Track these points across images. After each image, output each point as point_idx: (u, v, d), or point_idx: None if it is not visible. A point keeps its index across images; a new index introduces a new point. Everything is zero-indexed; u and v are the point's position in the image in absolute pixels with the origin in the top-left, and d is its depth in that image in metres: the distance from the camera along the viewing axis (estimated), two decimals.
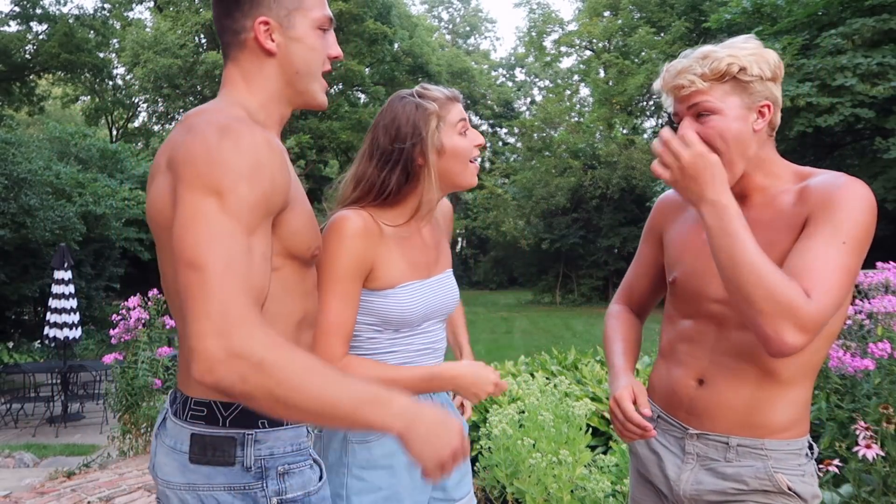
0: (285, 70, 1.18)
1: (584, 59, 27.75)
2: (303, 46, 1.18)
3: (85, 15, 18.30)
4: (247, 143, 1.02)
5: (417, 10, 38.89)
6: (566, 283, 23.49)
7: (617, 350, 1.54)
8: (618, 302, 1.67)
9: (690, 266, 1.42)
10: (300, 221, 1.15)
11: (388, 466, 1.46)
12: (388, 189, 1.48)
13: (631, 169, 20.65)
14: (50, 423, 6.83)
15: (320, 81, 1.23)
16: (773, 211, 1.32)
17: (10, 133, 11.95)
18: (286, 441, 1.16)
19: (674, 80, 1.31)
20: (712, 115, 1.29)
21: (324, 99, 1.25)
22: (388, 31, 22.95)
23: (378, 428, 1.00)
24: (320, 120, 23.45)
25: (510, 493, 2.84)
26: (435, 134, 1.47)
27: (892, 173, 11.57)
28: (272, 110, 1.21)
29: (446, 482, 1.58)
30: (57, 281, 7.12)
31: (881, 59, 11.16)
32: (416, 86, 1.55)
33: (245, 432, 1.12)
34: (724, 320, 1.36)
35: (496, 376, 1.49)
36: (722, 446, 1.36)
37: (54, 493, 3.99)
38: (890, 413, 2.21)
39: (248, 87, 1.18)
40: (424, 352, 1.54)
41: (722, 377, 1.36)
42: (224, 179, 0.99)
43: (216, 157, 0.99)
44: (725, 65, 1.27)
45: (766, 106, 1.30)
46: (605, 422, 3.53)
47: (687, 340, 1.43)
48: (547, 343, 9.70)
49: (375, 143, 1.51)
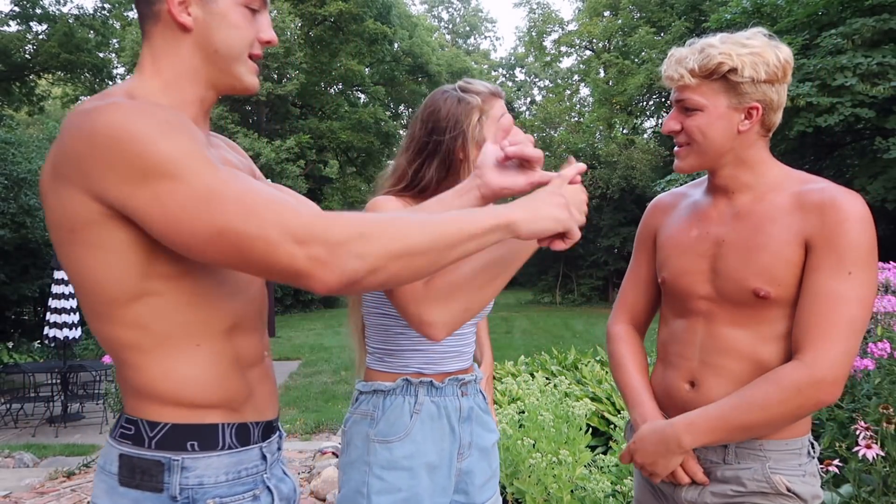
0: (202, 48, 1.03)
1: (584, 59, 27.73)
2: (224, 23, 1.03)
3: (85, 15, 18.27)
4: (130, 107, 0.89)
5: (417, 10, 38.90)
6: (566, 283, 23.48)
7: (636, 384, 1.50)
8: (621, 321, 1.61)
9: (678, 264, 1.43)
10: None
11: (409, 468, 1.44)
12: (425, 181, 1.45)
13: (631, 169, 20.64)
14: (50, 423, 6.83)
15: (247, 63, 1.07)
16: (763, 206, 1.34)
17: (10, 133, 11.94)
18: (220, 469, 1.02)
19: (668, 71, 1.36)
20: (697, 110, 1.33)
21: (252, 81, 1.09)
22: (388, 31, 22.93)
23: (505, 225, 1.01)
24: (320, 120, 23.43)
25: (510, 493, 2.84)
26: (476, 128, 1.45)
27: (892, 173, 11.55)
28: (183, 89, 1.04)
29: (468, 485, 1.55)
30: (57, 281, 7.12)
31: (881, 59, 11.15)
32: (460, 80, 1.53)
33: (171, 456, 0.99)
34: (712, 317, 1.38)
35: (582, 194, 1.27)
36: (720, 448, 1.35)
37: (54, 493, 3.99)
38: (890, 413, 2.21)
39: (155, 68, 1.03)
40: (450, 354, 1.52)
41: (712, 378, 1.36)
42: (149, 155, 0.86)
43: (116, 139, 0.86)
44: (715, 63, 1.28)
45: (754, 108, 1.30)
46: (605, 422, 3.53)
47: (677, 341, 1.44)
48: (547, 343, 9.70)
49: (412, 134, 1.50)
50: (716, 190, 1.43)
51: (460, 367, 1.55)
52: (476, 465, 1.57)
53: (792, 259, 1.28)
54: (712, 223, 1.41)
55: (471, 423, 1.56)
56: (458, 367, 1.54)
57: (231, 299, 1.05)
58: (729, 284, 1.35)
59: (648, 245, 1.57)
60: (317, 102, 24.01)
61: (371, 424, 1.46)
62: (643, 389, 1.49)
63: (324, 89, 24.27)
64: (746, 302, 1.33)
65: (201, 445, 1.01)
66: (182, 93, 1.04)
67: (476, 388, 1.61)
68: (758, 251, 1.31)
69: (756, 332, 1.33)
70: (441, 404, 1.50)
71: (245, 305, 1.08)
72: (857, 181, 11.83)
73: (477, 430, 1.57)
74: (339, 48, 22.51)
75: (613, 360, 1.57)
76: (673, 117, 1.38)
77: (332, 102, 23.98)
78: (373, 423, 1.46)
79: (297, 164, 20.22)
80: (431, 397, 1.49)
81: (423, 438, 1.46)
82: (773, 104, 1.32)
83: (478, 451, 1.57)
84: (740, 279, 1.33)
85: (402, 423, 1.46)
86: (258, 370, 1.12)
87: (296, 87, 21.14)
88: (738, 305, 1.34)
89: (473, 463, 1.56)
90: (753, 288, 1.31)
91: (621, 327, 1.60)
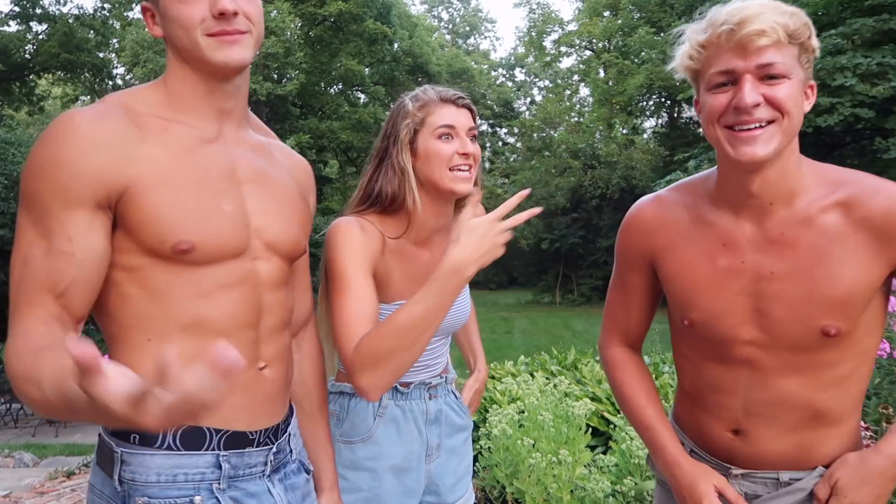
0: (175, 49, 1.08)
1: (583, 59, 27.73)
2: (173, 5, 1.05)
3: (85, 15, 18.28)
4: (52, 132, 0.97)
5: (417, 10, 38.87)
6: (566, 283, 23.49)
7: (653, 423, 1.30)
8: (615, 344, 1.41)
9: (712, 305, 1.19)
10: (146, 213, 0.99)
11: (371, 469, 1.46)
12: (380, 193, 1.43)
13: (631, 169, 20.65)
14: (50, 422, 6.83)
15: (206, 39, 1.05)
16: (816, 227, 1.12)
17: (10, 133, 11.94)
18: (152, 468, 1.00)
19: (751, 25, 1.03)
20: (784, 78, 1.05)
21: (220, 56, 1.05)
22: (387, 31, 22.92)
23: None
24: (320, 120, 23.44)
25: (510, 493, 2.84)
26: (407, 134, 1.42)
27: (892, 173, 11.55)
28: (184, 92, 1.09)
29: (439, 486, 1.56)
30: None
31: (881, 59, 11.16)
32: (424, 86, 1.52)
33: (114, 446, 1.01)
34: (759, 365, 1.17)
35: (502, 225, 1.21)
36: (772, 482, 1.22)
37: (54, 492, 3.99)
38: (890, 413, 2.21)
39: (164, 77, 1.12)
40: (418, 368, 1.51)
41: (763, 427, 1.19)
42: (23, 183, 0.97)
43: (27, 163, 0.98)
44: (802, 23, 1.05)
45: (811, 86, 1.12)
46: (605, 422, 3.53)
47: (714, 390, 1.23)
48: (547, 343, 9.69)
49: (376, 141, 1.51)
50: (738, 200, 1.16)
51: (428, 376, 1.55)
52: (445, 467, 1.57)
53: (871, 284, 1.10)
54: (745, 250, 1.16)
55: (439, 425, 1.56)
56: (426, 376, 1.54)
57: (199, 300, 1.03)
58: (788, 328, 1.13)
59: (639, 266, 1.32)
60: (317, 102, 24.00)
61: (336, 424, 1.48)
62: (663, 429, 1.30)
63: (324, 89, 24.26)
64: (808, 346, 1.13)
65: (141, 440, 1.01)
66: (187, 95, 1.09)
67: (447, 388, 1.60)
68: (825, 282, 1.10)
69: (813, 379, 1.15)
70: (406, 408, 1.50)
71: (223, 308, 1.05)
72: None
73: (446, 430, 1.58)
74: (339, 48, 22.49)
75: (618, 392, 1.38)
76: (755, 86, 1.05)
77: (332, 102, 23.97)
78: (338, 423, 1.48)
79: None
80: (396, 401, 1.49)
81: (388, 441, 1.47)
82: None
83: (447, 452, 1.58)
84: (806, 319, 1.11)
85: (365, 426, 1.47)
86: (238, 378, 1.06)
87: (296, 87, 21.13)
88: (796, 351, 1.14)
89: (442, 464, 1.56)
90: (823, 327, 1.10)
91: (617, 351, 1.40)
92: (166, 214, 1.00)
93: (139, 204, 0.98)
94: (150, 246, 1.00)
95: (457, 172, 1.41)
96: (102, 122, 0.99)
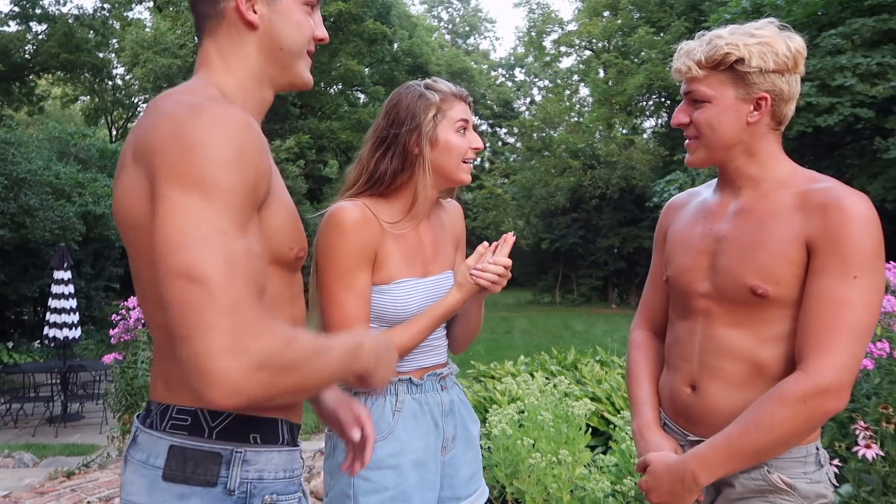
0: (268, 46, 1.04)
1: (583, 59, 27.75)
2: (288, 21, 1.05)
3: (85, 15, 18.28)
4: (224, 124, 0.89)
5: (417, 10, 38.90)
6: (566, 283, 23.50)
7: (641, 393, 1.48)
8: (641, 327, 1.58)
9: (680, 261, 1.40)
10: (281, 218, 1.01)
11: (395, 466, 1.45)
12: (382, 175, 1.48)
13: (630, 169, 20.66)
14: (49, 423, 6.83)
15: (305, 59, 1.09)
16: (767, 203, 1.31)
17: (10, 133, 11.95)
18: (279, 465, 1.01)
19: (676, 63, 1.34)
20: (705, 102, 1.31)
21: (309, 77, 1.11)
22: (387, 31, 22.93)
23: (362, 374, 1.03)
24: (320, 120, 23.43)
25: (510, 493, 2.84)
26: (431, 125, 1.48)
27: (892, 173, 11.56)
28: (252, 92, 1.06)
29: (454, 479, 1.57)
30: (56, 281, 7.12)
31: (881, 59, 11.16)
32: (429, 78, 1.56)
33: (234, 448, 0.96)
34: (710, 316, 1.34)
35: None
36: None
37: (54, 493, 3.99)
38: (889, 413, 2.21)
39: (226, 66, 1.04)
40: (423, 350, 1.54)
41: (711, 382, 1.33)
42: (204, 169, 0.85)
43: (191, 144, 0.86)
44: (722, 54, 1.26)
45: (763, 98, 1.27)
46: (605, 422, 3.53)
47: (679, 343, 1.41)
48: (546, 343, 9.69)
49: (375, 126, 1.53)
50: (724, 186, 1.40)
51: (435, 361, 1.57)
52: (461, 457, 1.58)
53: (792, 258, 1.24)
54: (717, 220, 1.37)
55: (454, 416, 1.58)
56: (433, 361, 1.57)
57: (292, 304, 1.06)
58: (727, 281, 1.31)
59: (661, 246, 1.53)
60: (316, 102, 23.99)
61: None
62: (647, 398, 1.46)
63: (323, 89, 24.25)
64: (744, 300, 1.29)
65: (263, 439, 1.00)
66: (252, 96, 1.06)
67: (454, 380, 1.64)
68: (757, 248, 1.28)
69: (755, 333, 1.29)
70: (423, 400, 1.52)
71: (300, 310, 1.10)
72: (856, 181, 11.82)
73: (460, 422, 1.60)
74: (338, 48, 22.49)
75: (628, 368, 1.54)
76: (682, 110, 1.35)
77: (332, 102, 23.97)
78: None
79: (296, 164, 20.20)
80: (412, 395, 1.51)
81: (408, 436, 1.48)
82: (784, 95, 1.28)
83: (462, 442, 1.59)
84: (738, 276, 1.29)
85: (384, 423, 1.47)
86: None
87: None
88: (737, 304, 1.30)
89: (458, 455, 1.58)
90: (751, 285, 1.26)
91: (640, 333, 1.57)
92: (288, 221, 1.03)
93: (277, 211, 0.99)
94: (280, 253, 1.01)
95: (467, 165, 1.54)
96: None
